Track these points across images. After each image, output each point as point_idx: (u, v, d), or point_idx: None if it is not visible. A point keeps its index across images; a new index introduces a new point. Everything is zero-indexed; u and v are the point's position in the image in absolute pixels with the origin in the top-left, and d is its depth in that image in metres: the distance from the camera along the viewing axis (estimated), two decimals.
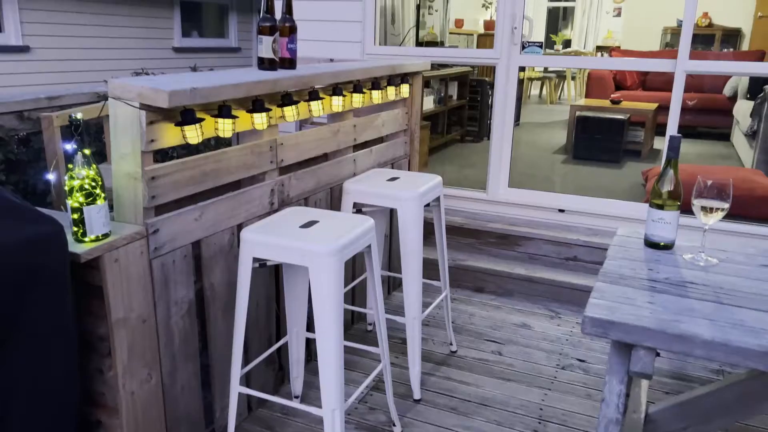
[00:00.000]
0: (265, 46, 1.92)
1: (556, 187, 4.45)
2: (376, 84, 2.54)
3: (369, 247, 1.79)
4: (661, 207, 1.57)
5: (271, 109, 1.86)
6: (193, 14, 7.74)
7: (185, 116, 1.53)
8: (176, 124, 1.53)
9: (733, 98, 6.19)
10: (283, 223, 1.73)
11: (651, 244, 1.61)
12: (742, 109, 5.22)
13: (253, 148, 1.87)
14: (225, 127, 1.66)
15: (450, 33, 6.93)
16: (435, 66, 5.04)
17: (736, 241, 2.86)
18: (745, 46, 8.04)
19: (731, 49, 8.03)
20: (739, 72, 5.93)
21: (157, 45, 6.82)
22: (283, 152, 2.02)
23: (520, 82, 7.17)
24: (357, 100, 2.39)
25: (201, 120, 1.56)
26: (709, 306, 1.28)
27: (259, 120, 1.80)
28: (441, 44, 6.55)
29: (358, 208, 2.27)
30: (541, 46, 3.35)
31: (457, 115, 5.84)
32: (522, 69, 3.61)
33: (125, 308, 1.48)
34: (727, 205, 1.49)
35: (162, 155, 2.70)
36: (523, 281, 3.12)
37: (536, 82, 10.12)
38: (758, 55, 6.68)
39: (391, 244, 2.96)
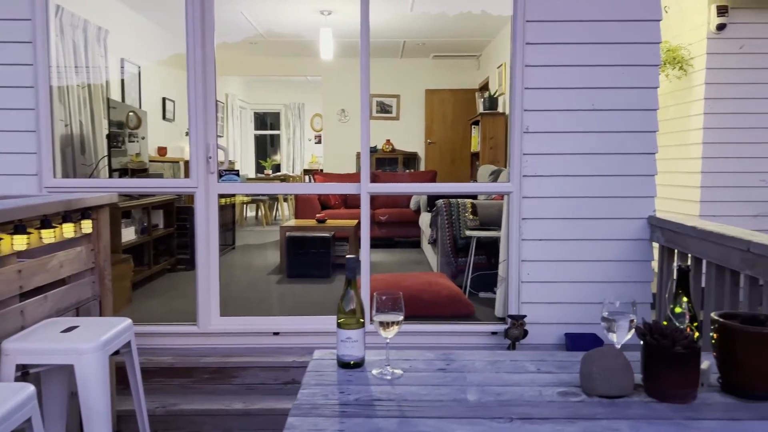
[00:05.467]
0: None
1: (273, 310, 4.45)
2: (47, 222, 2.24)
3: (29, 420, 1.47)
4: (347, 326, 1.62)
5: None
6: None
7: None
8: None
9: (418, 211, 7.14)
10: None
11: (343, 364, 1.64)
12: (425, 220, 6.03)
13: None
14: None
15: (153, 161, 6.72)
16: (136, 195, 4.78)
17: (419, 346, 3.14)
18: (421, 166, 9.48)
19: (411, 170, 9.38)
20: (409, 192, 6.90)
21: None
22: None
23: (232, 205, 7.24)
24: (19, 242, 2.06)
25: None
26: (393, 422, 1.31)
27: None
28: (147, 171, 6.30)
29: (25, 371, 1.90)
30: (237, 174, 3.41)
31: (165, 243, 5.56)
32: (228, 195, 3.63)
33: None
34: (401, 317, 1.59)
35: None
36: (242, 416, 2.94)
37: (252, 204, 10.37)
38: (432, 175, 7.91)
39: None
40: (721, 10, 4.77)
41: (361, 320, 1.64)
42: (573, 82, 3.28)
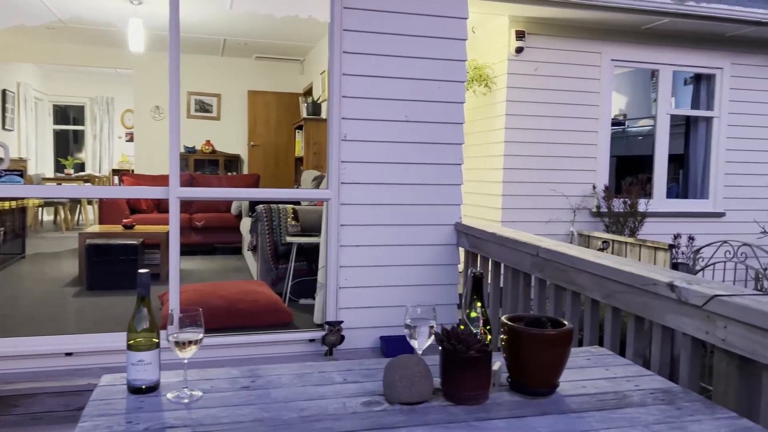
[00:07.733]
0: None
1: (68, 327, 3.98)
2: None
3: None
4: (139, 348, 1.46)
5: None
6: None
7: None
8: None
9: (240, 216, 6.91)
10: None
11: (134, 389, 1.48)
12: (245, 226, 5.84)
13: None
14: None
15: None
16: None
17: (233, 360, 2.99)
18: (244, 169, 9.21)
19: (233, 173, 9.08)
20: (225, 197, 6.59)
21: None
22: None
23: (23, 209, 6.39)
24: None
25: None
26: None
27: None
28: None
29: None
30: (21, 175, 2.99)
31: None
32: (13, 198, 3.16)
33: None
34: (201, 335, 1.48)
35: None
36: None
37: (49, 207, 9.28)
38: (254, 178, 7.71)
39: None
40: (519, 35, 5.27)
41: (155, 340, 1.49)
42: (388, 94, 3.38)
